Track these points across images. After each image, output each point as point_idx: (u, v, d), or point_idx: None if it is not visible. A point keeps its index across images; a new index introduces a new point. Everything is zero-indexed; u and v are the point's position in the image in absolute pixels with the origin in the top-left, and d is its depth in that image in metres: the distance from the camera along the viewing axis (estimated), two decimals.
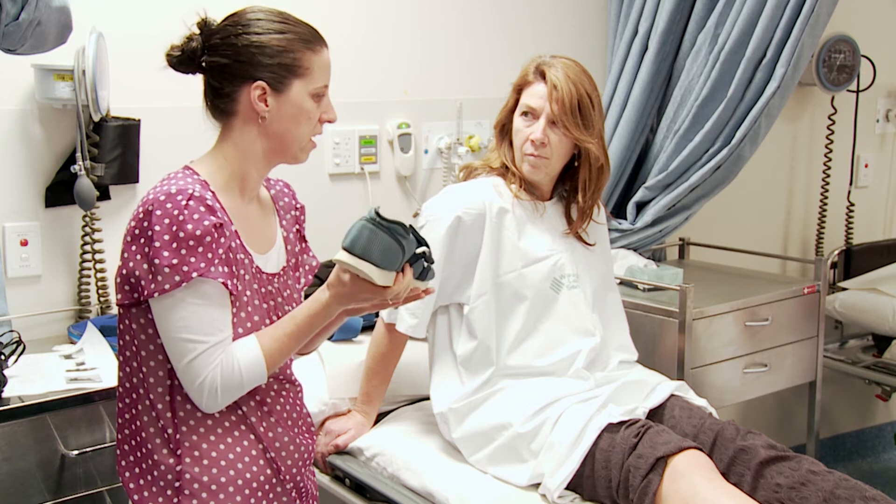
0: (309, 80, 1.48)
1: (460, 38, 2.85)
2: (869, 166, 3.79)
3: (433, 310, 2.09)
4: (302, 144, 1.52)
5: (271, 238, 1.58)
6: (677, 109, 2.77)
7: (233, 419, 1.48)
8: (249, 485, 1.47)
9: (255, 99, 1.46)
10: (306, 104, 1.48)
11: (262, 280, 1.52)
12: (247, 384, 1.43)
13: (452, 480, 1.95)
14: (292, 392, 1.59)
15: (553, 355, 2.06)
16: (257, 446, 1.49)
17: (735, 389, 2.61)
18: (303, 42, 1.47)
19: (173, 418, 1.44)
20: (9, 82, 2.15)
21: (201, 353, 1.39)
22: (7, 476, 1.77)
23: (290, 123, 1.49)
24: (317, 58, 1.48)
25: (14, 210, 2.19)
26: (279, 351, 1.45)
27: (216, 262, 1.39)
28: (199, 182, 1.44)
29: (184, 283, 1.37)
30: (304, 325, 1.45)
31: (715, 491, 1.73)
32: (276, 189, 1.66)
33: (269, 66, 1.45)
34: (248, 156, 1.50)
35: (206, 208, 1.39)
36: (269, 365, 1.44)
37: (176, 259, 1.36)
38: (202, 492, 1.44)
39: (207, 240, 1.38)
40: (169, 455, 1.44)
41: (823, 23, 2.52)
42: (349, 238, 1.38)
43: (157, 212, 1.37)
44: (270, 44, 1.45)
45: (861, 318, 3.32)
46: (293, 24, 1.48)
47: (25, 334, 2.00)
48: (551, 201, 2.17)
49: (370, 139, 2.71)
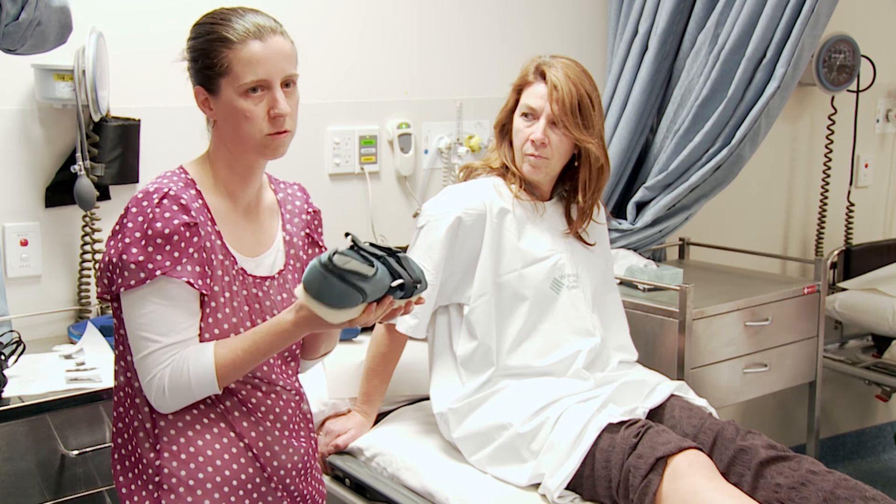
0: (232, 78, 1.43)
1: (460, 38, 2.85)
2: (869, 166, 3.79)
3: (433, 310, 2.10)
4: (258, 141, 1.45)
5: (267, 241, 1.57)
6: (677, 109, 2.77)
7: (212, 416, 1.47)
8: (229, 482, 1.47)
9: (201, 104, 1.48)
10: (237, 103, 1.43)
11: (247, 283, 1.51)
12: (195, 390, 1.42)
13: (452, 480, 1.95)
14: (285, 396, 1.56)
15: (553, 355, 2.06)
16: (238, 444, 1.48)
17: (735, 389, 2.61)
18: (219, 41, 1.42)
19: (151, 412, 1.45)
20: (9, 82, 2.15)
21: (153, 352, 1.41)
22: (7, 476, 1.77)
23: (232, 125, 1.46)
24: (234, 54, 1.41)
25: (14, 210, 2.19)
26: (232, 363, 1.42)
27: (183, 261, 1.40)
28: (184, 181, 1.46)
29: (148, 280, 1.38)
30: (262, 342, 1.42)
31: (715, 491, 1.73)
32: (287, 192, 1.64)
33: (199, 70, 1.46)
34: (221, 158, 1.51)
35: (179, 207, 1.40)
36: (221, 375, 1.42)
37: (142, 256, 1.38)
38: (180, 486, 1.44)
39: (175, 238, 1.39)
40: (150, 450, 1.45)
41: (823, 23, 2.52)
42: (304, 277, 1.33)
43: (133, 209, 1.40)
44: (194, 47, 1.46)
45: (861, 318, 3.32)
46: (221, 23, 1.43)
47: (25, 334, 2.00)
48: (551, 201, 2.17)
49: (370, 139, 2.71)
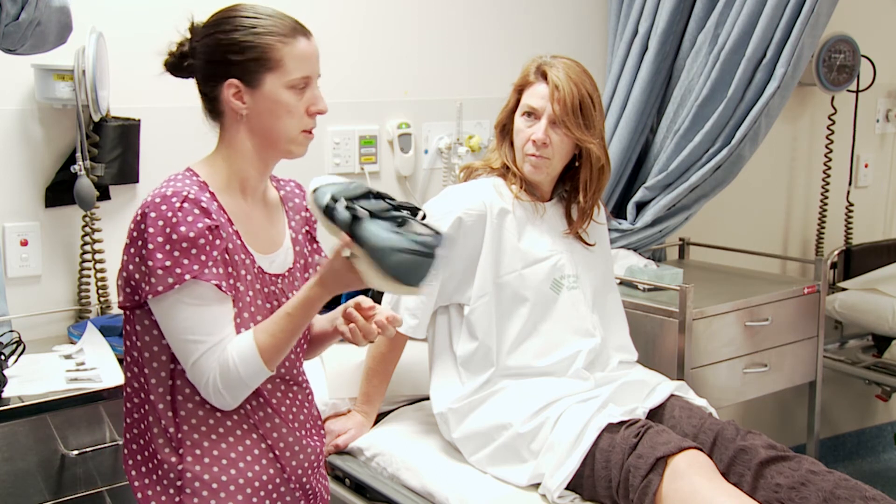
0: (281, 72, 1.45)
1: (460, 38, 2.85)
2: (869, 166, 3.79)
3: (433, 310, 2.10)
4: (290, 138, 1.49)
5: (277, 239, 1.57)
6: (677, 109, 2.77)
7: (235, 418, 1.48)
8: (251, 483, 1.47)
9: (230, 97, 1.46)
10: (283, 97, 1.46)
11: (265, 281, 1.52)
12: (246, 379, 1.42)
13: (452, 480, 1.95)
14: (300, 394, 1.59)
15: (553, 356, 2.06)
16: (260, 445, 1.49)
17: (735, 389, 2.61)
18: (271, 35, 1.45)
19: (174, 418, 1.45)
20: (9, 82, 2.15)
21: (203, 355, 1.40)
22: (7, 476, 1.77)
23: (271, 119, 1.47)
24: (288, 49, 1.45)
25: (14, 210, 2.19)
26: (275, 347, 1.43)
27: (210, 265, 1.39)
28: (197, 184, 1.45)
29: (177, 284, 1.37)
30: (297, 317, 1.43)
31: (715, 491, 1.74)
32: (287, 189, 1.65)
33: (239, 63, 1.44)
34: (242, 155, 1.50)
35: (200, 211, 1.39)
36: (267, 360, 1.43)
37: (169, 261, 1.37)
38: (203, 490, 1.44)
39: (201, 242, 1.38)
40: (171, 454, 1.45)
41: (823, 23, 2.52)
42: (388, 262, 1.34)
43: (152, 214, 1.38)
44: (238, 40, 1.44)
45: (861, 318, 3.32)
46: (265, 18, 1.46)
47: (25, 334, 2.00)
48: (551, 202, 2.17)
49: (370, 139, 2.71)
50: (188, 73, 1.50)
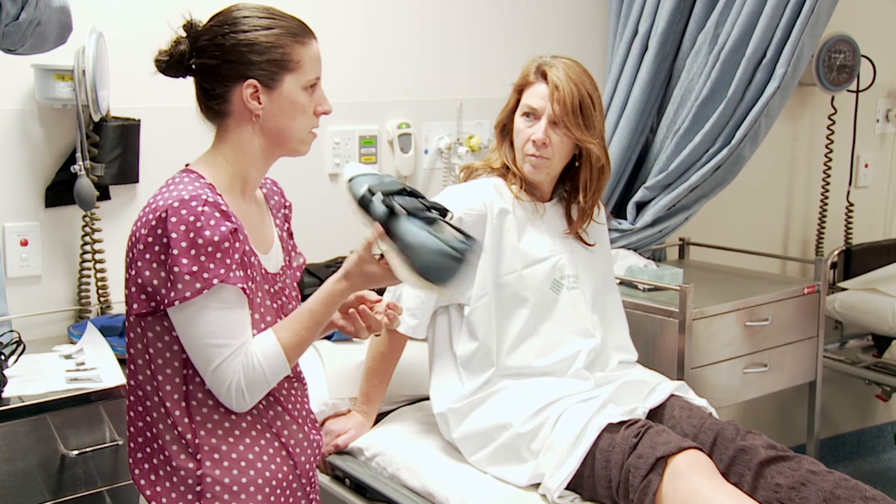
0: (300, 73, 1.47)
1: (460, 38, 2.85)
2: (869, 166, 3.79)
3: (433, 310, 2.10)
4: (301, 137, 1.51)
5: (270, 237, 1.58)
6: (677, 109, 2.77)
7: (249, 419, 1.47)
8: (269, 483, 1.47)
9: (248, 97, 1.45)
10: (300, 98, 1.47)
11: (270, 280, 1.52)
12: (270, 379, 1.43)
13: (452, 480, 1.95)
14: (300, 390, 1.60)
15: (553, 356, 2.06)
16: (273, 444, 1.49)
17: (735, 389, 2.61)
18: (291, 36, 1.46)
19: (191, 423, 1.43)
20: (9, 82, 2.15)
21: (227, 359, 1.39)
22: (7, 476, 1.77)
23: (286, 119, 1.48)
24: (306, 50, 1.47)
25: (14, 210, 2.19)
26: (298, 344, 1.45)
27: (234, 268, 1.39)
28: (206, 186, 1.43)
29: (205, 290, 1.36)
30: (319, 314, 1.46)
31: (715, 491, 1.74)
32: (267, 187, 1.65)
33: (258, 64, 1.44)
34: (247, 155, 1.49)
35: (221, 214, 1.38)
36: (290, 358, 1.44)
37: (196, 266, 1.35)
38: (224, 493, 1.43)
39: (225, 245, 1.37)
40: (188, 460, 1.43)
41: (823, 23, 2.52)
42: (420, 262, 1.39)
43: (173, 218, 1.36)
44: (259, 40, 1.44)
45: (861, 318, 3.32)
46: (280, 19, 1.47)
47: (25, 334, 2.00)
48: (551, 202, 2.17)
49: (370, 139, 2.71)
50: (186, 73, 1.48)
